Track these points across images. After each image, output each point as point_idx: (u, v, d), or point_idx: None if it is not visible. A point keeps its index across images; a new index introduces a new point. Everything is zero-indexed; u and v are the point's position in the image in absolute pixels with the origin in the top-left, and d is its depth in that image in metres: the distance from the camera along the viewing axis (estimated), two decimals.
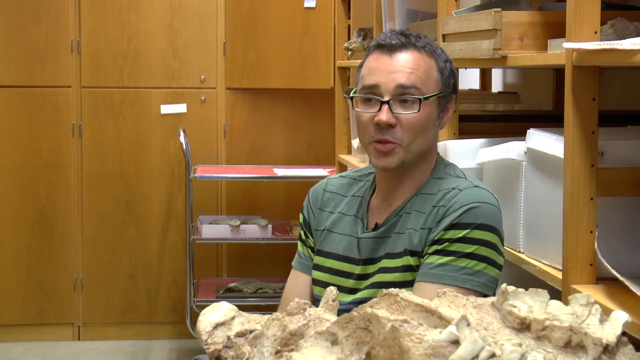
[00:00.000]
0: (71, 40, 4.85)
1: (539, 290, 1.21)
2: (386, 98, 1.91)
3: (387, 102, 1.91)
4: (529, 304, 1.20)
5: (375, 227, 2.00)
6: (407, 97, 1.91)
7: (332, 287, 1.41)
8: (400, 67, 1.92)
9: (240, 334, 1.40)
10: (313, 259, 2.10)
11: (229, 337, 1.39)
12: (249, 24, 4.90)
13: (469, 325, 1.12)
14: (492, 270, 1.88)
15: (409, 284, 1.89)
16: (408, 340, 1.13)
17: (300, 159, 5.03)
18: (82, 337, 4.96)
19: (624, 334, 1.18)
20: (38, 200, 4.88)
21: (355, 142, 3.89)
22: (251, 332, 1.39)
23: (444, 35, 2.51)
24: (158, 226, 4.97)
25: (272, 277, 4.86)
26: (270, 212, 4.94)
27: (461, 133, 2.59)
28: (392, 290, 1.24)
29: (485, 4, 2.54)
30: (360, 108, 1.96)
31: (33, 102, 4.85)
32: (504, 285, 1.22)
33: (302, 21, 4.93)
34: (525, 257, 2.07)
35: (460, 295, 1.25)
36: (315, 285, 2.07)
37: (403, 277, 1.91)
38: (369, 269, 1.98)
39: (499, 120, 2.82)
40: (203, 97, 4.96)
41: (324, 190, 2.13)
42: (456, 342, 1.12)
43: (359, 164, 3.62)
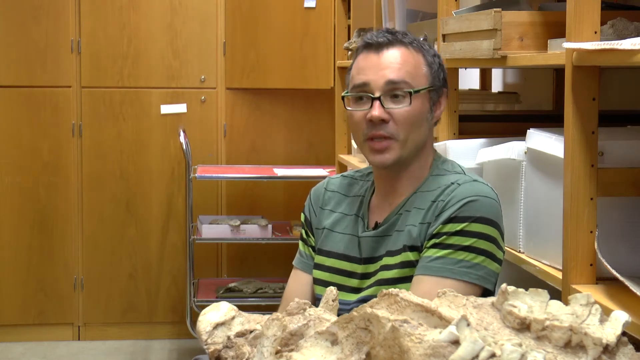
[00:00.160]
0: (71, 40, 4.85)
1: (539, 290, 1.21)
2: (377, 94, 1.93)
3: (378, 98, 1.92)
4: (529, 304, 1.20)
5: (376, 226, 2.01)
6: (398, 92, 1.93)
7: (332, 287, 1.41)
8: (388, 64, 1.94)
9: (240, 334, 1.40)
10: (314, 258, 2.10)
11: (229, 337, 1.39)
12: (249, 24, 4.90)
13: (469, 325, 1.12)
14: (491, 263, 1.88)
15: (408, 280, 1.90)
16: (408, 340, 1.13)
17: (300, 159, 5.03)
18: (82, 337, 4.96)
19: (624, 334, 1.18)
20: (38, 200, 4.88)
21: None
22: (251, 332, 1.39)
23: (444, 35, 2.51)
24: (158, 226, 4.97)
25: (272, 277, 4.86)
26: (270, 212, 4.94)
27: (461, 133, 2.59)
28: (392, 290, 1.24)
29: (485, 4, 2.54)
30: (352, 107, 1.97)
31: (33, 102, 4.85)
32: (504, 285, 1.22)
33: (302, 21, 4.92)
34: (525, 257, 2.07)
35: (460, 295, 1.25)
36: (316, 284, 2.07)
37: (402, 273, 1.92)
38: (370, 267, 1.98)
39: (499, 120, 2.82)
40: (203, 97, 4.96)
41: (325, 189, 2.14)
42: (456, 342, 1.12)
43: (359, 164, 3.62)
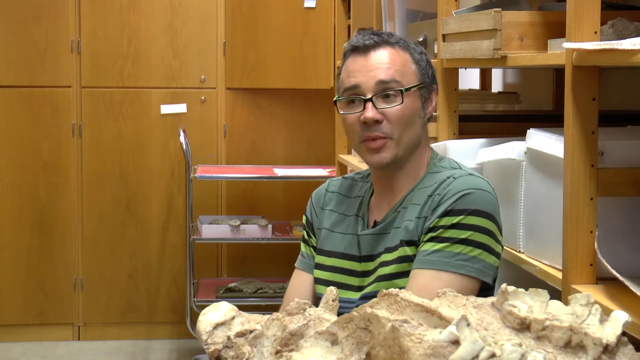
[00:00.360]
0: (71, 40, 4.85)
1: (539, 290, 1.21)
2: (369, 96, 1.94)
3: (370, 99, 1.94)
4: (529, 304, 1.20)
5: (374, 224, 2.02)
6: (389, 92, 1.94)
7: (332, 287, 1.41)
8: (377, 64, 1.95)
9: (240, 334, 1.40)
10: (315, 259, 2.11)
11: (229, 337, 1.39)
12: (249, 24, 4.90)
13: (469, 325, 1.12)
14: (489, 257, 1.88)
15: (406, 275, 1.90)
16: (408, 340, 1.13)
17: (300, 159, 5.03)
18: (82, 337, 4.96)
19: (624, 334, 1.18)
20: (38, 200, 4.88)
21: None
22: (251, 332, 1.39)
23: (444, 35, 2.51)
24: (158, 226, 4.97)
25: (272, 277, 4.86)
26: (270, 212, 4.94)
27: (461, 133, 2.59)
28: (392, 290, 1.24)
29: (485, 4, 2.54)
30: (344, 111, 1.98)
31: (33, 102, 4.85)
32: (504, 285, 1.22)
33: (302, 21, 4.92)
34: (525, 257, 2.06)
35: (460, 295, 1.25)
36: (317, 284, 2.08)
37: (399, 267, 1.92)
38: (370, 265, 1.99)
39: (499, 120, 2.82)
40: (203, 97, 4.96)
41: (326, 190, 2.16)
42: (456, 342, 1.12)
43: (359, 164, 3.62)
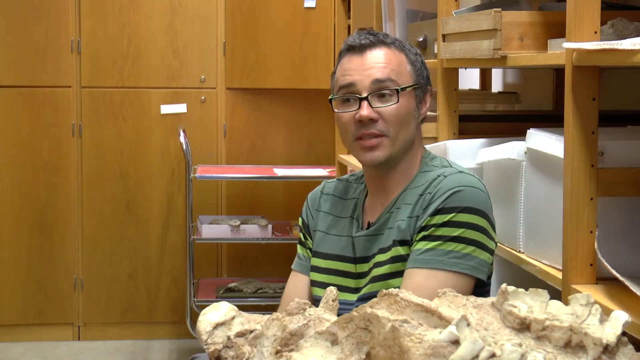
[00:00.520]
0: (71, 40, 4.85)
1: (539, 290, 1.21)
2: (364, 94, 1.94)
3: (365, 98, 1.94)
4: (529, 304, 1.20)
5: (368, 225, 2.02)
6: (385, 91, 1.95)
7: (332, 287, 1.41)
8: (373, 64, 1.96)
9: (240, 334, 1.40)
10: (312, 260, 2.11)
11: (229, 337, 1.39)
12: (249, 24, 4.90)
13: (469, 325, 1.12)
14: (482, 253, 1.88)
15: (400, 274, 1.90)
16: (408, 340, 1.13)
17: (300, 159, 5.03)
18: (82, 337, 4.96)
19: (624, 334, 1.18)
20: (38, 200, 4.88)
21: None
22: (251, 332, 1.39)
23: (444, 35, 2.51)
24: (158, 226, 4.97)
25: (272, 277, 4.86)
26: (270, 212, 4.94)
27: (461, 133, 2.59)
28: (392, 290, 1.24)
29: (485, 4, 2.54)
30: (339, 109, 1.99)
31: (33, 102, 4.85)
32: (504, 285, 1.22)
33: (302, 21, 4.92)
34: (525, 257, 2.06)
35: (460, 295, 1.25)
36: (313, 286, 2.08)
37: (393, 267, 1.92)
38: (365, 266, 1.99)
39: (499, 120, 2.82)
40: (203, 97, 4.96)
41: (322, 192, 2.16)
42: (456, 342, 1.12)
43: (358, 164, 3.62)
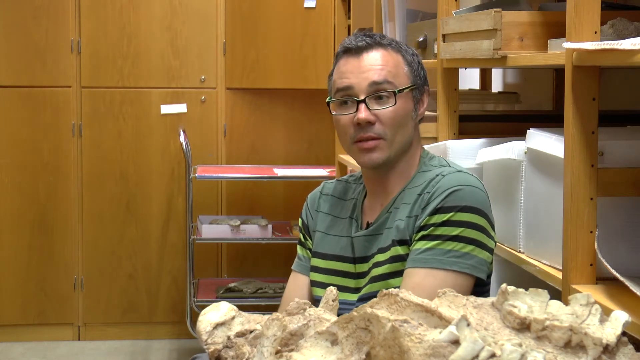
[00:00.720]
0: (71, 40, 4.85)
1: (539, 290, 1.21)
2: (362, 97, 1.94)
3: (363, 100, 1.94)
4: (529, 304, 1.20)
5: (367, 225, 2.02)
6: (382, 93, 1.94)
7: (332, 287, 1.41)
8: (370, 66, 1.96)
9: (240, 334, 1.40)
10: (311, 261, 2.11)
11: (229, 337, 1.39)
12: (249, 24, 4.90)
13: (469, 325, 1.12)
14: (482, 252, 1.88)
15: (399, 274, 1.90)
16: (408, 340, 1.13)
17: (300, 159, 5.03)
18: (82, 337, 4.96)
19: (624, 334, 1.18)
20: (38, 200, 4.88)
21: None
22: (251, 332, 1.39)
23: (444, 35, 2.51)
24: (158, 226, 4.97)
25: (272, 277, 4.85)
26: (270, 212, 4.94)
27: (461, 133, 2.59)
28: (392, 290, 1.24)
29: (485, 4, 2.54)
30: (337, 112, 1.99)
31: (33, 102, 4.85)
32: (504, 285, 1.22)
33: (302, 21, 4.92)
34: (525, 257, 2.06)
35: (460, 295, 1.25)
36: (313, 286, 2.08)
37: (392, 267, 1.92)
38: (364, 267, 2.00)
39: (499, 120, 2.82)
40: (203, 97, 4.96)
41: (321, 193, 2.16)
42: (456, 342, 1.12)
43: (358, 164, 3.62)
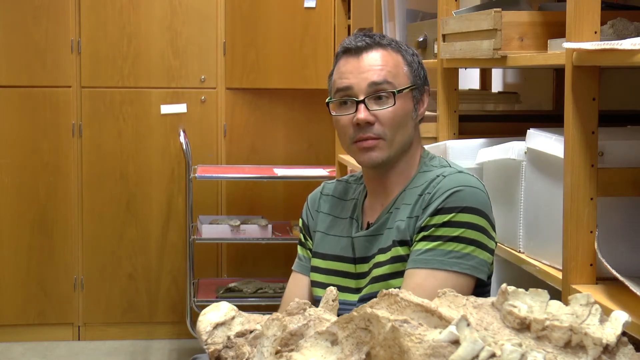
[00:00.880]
0: (71, 40, 4.85)
1: (539, 290, 1.21)
2: (361, 97, 1.94)
3: (362, 101, 1.94)
4: (529, 304, 1.20)
5: (368, 226, 2.02)
6: (381, 93, 1.94)
7: (332, 287, 1.41)
8: (369, 66, 1.96)
9: (240, 334, 1.40)
10: (312, 261, 2.11)
11: (229, 337, 1.39)
12: (249, 24, 4.90)
13: (469, 325, 1.12)
14: (482, 253, 1.88)
15: (400, 275, 1.90)
16: (408, 340, 1.13)
17: (300, 159, 5.03)
18: (82, 337, 4.96)
19: (624, 334, 1.18)
20: (38, 200, 4.88)
21: None
22: (251, 332, 1.39)
23: (444, 35, 2.51)
24: (158, 226, 4.97)
25: (272, 277, 4.85)
26: (270, 212, 4.94)
27: (461, 133, 2.59)
28: (392, 290, 1.24)
29: (485, 4, 2.54)
30: (337, 112, 1.99)
31: (33, 102, 4.85)
32: (504, 285, 1.22)
33: (302, 21, 4.92)
34: (525, 257, 2.06)
35: (460, 295, 1.25)
36: (314, 287, 2.08)
37: (393, 268, 1.92)
38: (364, 267, 2.00)
39: (499, 120, 2.82)
40: (203, 97, 4.96)
41: (321, 193, 2.17)
42: (456, 342, 1.12)
43: (358, 164, 3.62)
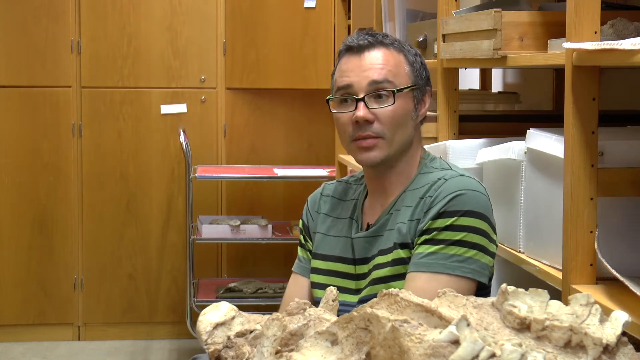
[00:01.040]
0: (71, 40, 4.85)
1: (539, 290, 1.21)
2: (361, 95, 1.95)
3: (362, 99, 1.94)
4: (529, 304, 1.20)
5: (368, 227, 2.02)
6: (382, 92, 1.95)
7: (332, 287, 1.41)
8: (371, 65, 1.96)
9: (240, 334, 1.40)
10: (312, 262, 2.11)
11: (229, 337, 1.39)
12: (249, 24, 4.90)
13: (469, 325, 1.12)
14: (484, 257, 1.88)
15: (401, 277, 1.90)
16: (408, 340, 1.13)
17: (300, 159, 5.03)
18: (82, 337, 4.96)
19: (624, 334, 1.18)
20: (38, 200, 4.87)
21: None
22: (251, 332, 1.39)
23: (444, 35, 2.51)
24: (158, 226, 4.97)
25: (272, 277, 4.86)
26: (270, 212, 4.94)
27: (461, 133, 2.59)
28: (392, 290, 1.24)
29: (485, 4, 2.54)
30: (337, 110, 1.99)
31: (33, 102, 4.85)
32: (504, 285, 1.22)
33: (302, 21, 4.92)
34: (525, 257, 2.06)
35: (460, 295, 1.25)
36: (314, 288, 2.08)
37: (394, 270, 1.92)
38: (364, 268, 1.99)
39: (499, 120, 2.82)
40: (203, 97, 4.96)
41: (321, 194, 2.16)
42: (456, 342, 1.12)
43: (358, 164, 3.62)
